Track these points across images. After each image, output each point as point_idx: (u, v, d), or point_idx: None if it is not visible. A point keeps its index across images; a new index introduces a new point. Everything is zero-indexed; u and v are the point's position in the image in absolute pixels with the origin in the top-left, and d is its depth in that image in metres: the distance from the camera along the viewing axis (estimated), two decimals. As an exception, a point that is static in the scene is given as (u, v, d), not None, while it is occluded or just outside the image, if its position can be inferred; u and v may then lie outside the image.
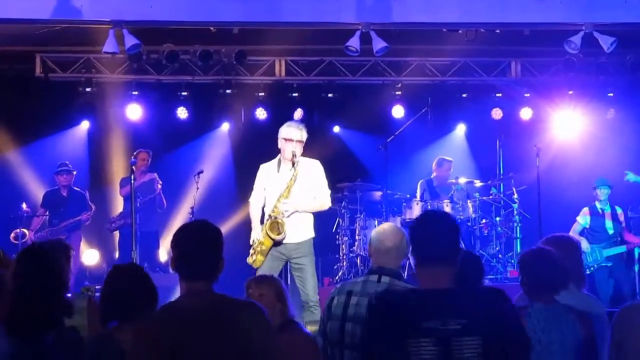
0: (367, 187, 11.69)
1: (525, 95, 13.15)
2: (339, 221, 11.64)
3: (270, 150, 13.21)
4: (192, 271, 3.72)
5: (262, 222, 8.24)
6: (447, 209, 11.19)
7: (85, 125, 13.08)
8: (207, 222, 3.84)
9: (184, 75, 12.81)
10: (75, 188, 11.67)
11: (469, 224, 11.42)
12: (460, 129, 13.70)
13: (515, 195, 11.61)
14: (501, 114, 13.12)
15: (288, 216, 8.09)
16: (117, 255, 11.82)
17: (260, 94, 13.05)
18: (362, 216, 11.43)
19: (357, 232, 11.41)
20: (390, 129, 12.14)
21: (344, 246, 11.45)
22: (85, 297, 5.48)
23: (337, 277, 11.20)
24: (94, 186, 12.51)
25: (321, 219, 12.01)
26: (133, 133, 12.70)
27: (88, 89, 12.63)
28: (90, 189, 12.15)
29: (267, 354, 3.66)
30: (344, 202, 11.61)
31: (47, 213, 11.47)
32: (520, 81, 13.17)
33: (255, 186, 8.49)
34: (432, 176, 12.08)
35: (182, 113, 12.71)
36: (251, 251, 8.22)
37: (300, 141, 8.32)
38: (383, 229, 5.13)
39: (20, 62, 12.66)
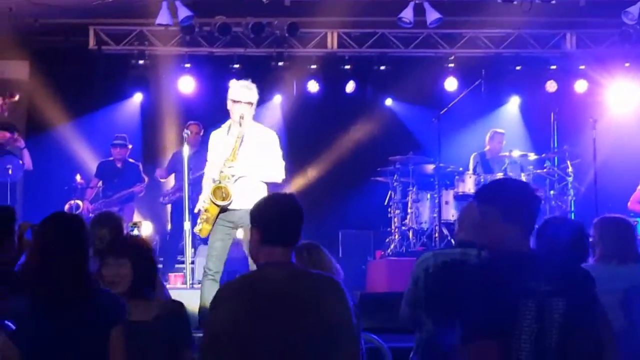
0: (419, 160, 11.61)
1: (581, 67, 12.95)
2: (391, 194, 11.58)
3: (322, 123, 13.30)
4: (276, 237, 3.78)
5: None
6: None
7: (138, 97, 13.16)
8: (291, 194, 3.95)
9: (236, 47, 12.80)
10: (130, 160, 11.74)
11: (522, 197, 11.28)
12: (514, 102, 13.55)
13: (570, 169, 11.44)
14: (556, 87, 12.96)
15: (235, 181, 7.68)
16: (169, 227, 11.89)
17: (312, 66, 13.02)
18: (414, 189, 11.37)
19: (409, 205, 11.34)
20: (443, 102, 12.03)
21: (396, 219, 11.40)
22: None
23: (389, 250, 11.16)
24: (147, 158, 12.58)
25: (373, 192, 12.05)
26: (185, 106, 12.74)
27: (141, 62, 12.69)
28: (143, 161, 12.22)
29: (345, 328, 3.68)
30: (396, 175, 11.54)
31: (101, 184, 11.54)
32: (575, 53, 12.97)
33: (208, 157, 8.14)
34: (485, 149, 11.96)
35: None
36: (198, 220, 7.90)
37: (249, 102, 7.88)
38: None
39: (74, 34, 12.75)
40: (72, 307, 3.87)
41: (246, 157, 7.73)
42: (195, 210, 8.04)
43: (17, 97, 11.16)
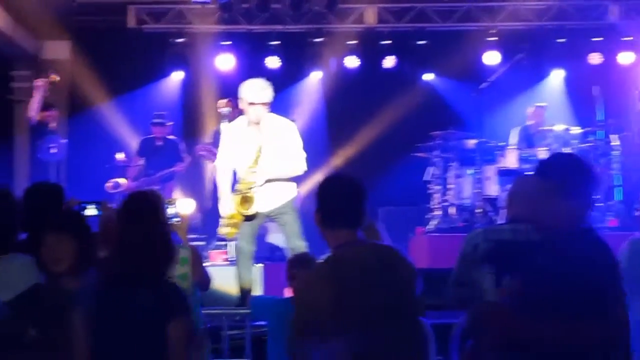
0: (460, 135, 11.48)
1: (625, 39, 12.73)
2: (431, 170, 11.48)
3: (361, 99, 13.23)
4: (341, 220, 3.81)
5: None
6: (542, 156, 10.92)
7: (177, 76, 13.18)
8: (349, 174, 3.95)
9: (275, 24, 12.76)
10: (170, 137, 11.72)
11: (566, 171, 11.11)
12: (557, 75, 13.37)
13: (615, 142, 11.27)
14: (600, 59, 12.76)
15: (260, 186, 7.66)
16: (211, 204, 11.89)
17: (351, 42, 12.93)
18: (455, 165, 11.25)
19: (450, 181, 11.24)
20: (484, 76, 11.89)
21: (436, 195, 11.30)
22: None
23: (429, 227, 11.08)
24: (188, 136, 12.59)
25: (413, 168, 11.96)
26: (224, 83, 12.72)
27: (179, 40, 12.71)
28: (184, 138, 12.22)
29: (417, 305, 3.86)
30: (436, 151, 11.43)
31: (143, 161, 11.56)
32: (619, 24, 12.75)
33: (220, 149, 8.05)
34: (527, 123, 11.81)
35: (272, 62, 12.68)
36: (223, 222, 7.88)
37: (265, 103, 7.70)
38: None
39: (114, 14, 12.79)
40: (142, 292, 3.85)
41: (267, 161, 7.68)
42: (222, 214, 8.00)
43: (58, 78, 11.21)
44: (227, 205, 7.82)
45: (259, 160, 7.64)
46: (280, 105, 12.88)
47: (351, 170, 12.41)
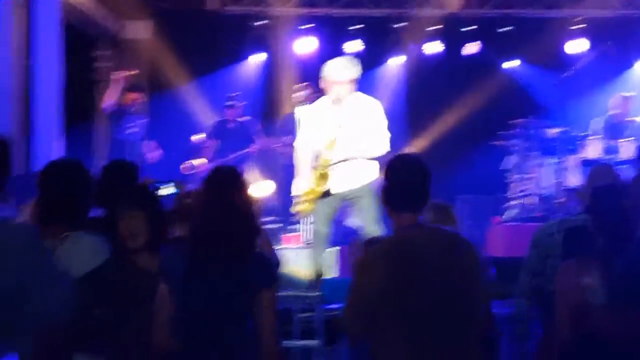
0: (541, 124, 11.28)
1: None
2: (510, 159, 11.31)
3: (442, 85, 13.10)
4: (405, 203, 3.78)
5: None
6: (625, 147, 10.68)
7: (256, 58, 13.21)
8: (417, 156, 4.00)
9: (356, 8, 12.69)
10: (243, 119, 11.71)
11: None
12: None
13: None
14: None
15: (339, 163, 7.52)
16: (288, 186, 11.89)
17: (433, 27, 12.80)
18: (535, 154, 11.06)
19: (530, 170, 11.06)
20: (567, 64, 11.67)
21: (515, 185, 11.13)
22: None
23: (507, 216, 10.93)
24: (267, 118, 12.61)
25: (490, 157, 11.80)
26: (303, 67, 12.71)
27: (259, 23, 12.73)
28: (262, 121, 12.24)
29: (481, 288, 3.79)
30: (516, 139, 11.26)
31: (216, 144, 11.60)
32: None
33: (300, 130, 7.90)
34: (610, 113, 11.53)
35: (353, 47, 12.62)
36: (297, 200, 7.76)
37: (348, 81, 7.52)
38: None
39: (198, -5, 12.88)
40: (231, 266, 3.88)
41: (348, 139, 7.54)
42: (293, 193, 7.96)
43: (135, 71, 11.38)
44: (304, 183, 7.78)
45: (339, 138, 7.50)
46: (359, 89, 12.92)
47: (429, 157, 12.30)
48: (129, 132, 11.06)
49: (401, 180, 3.79)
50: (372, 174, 7.69)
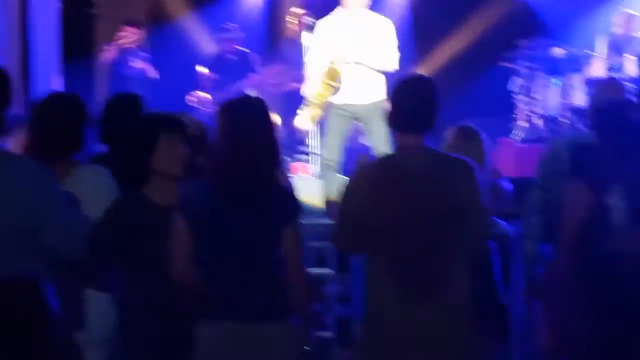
0: (546, 43, 11.18)
1: None
2: (516, 80, 11.24)
3: (447, 6, 12.92)
4: (406, 124, 3.77)
5: None
6: (630, 65, 10.63)
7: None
8: (425, 76, 3.99)
9: None
10: (241, 49, 11.58)
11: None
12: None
13: None
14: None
15: (349, 64, 7.54)
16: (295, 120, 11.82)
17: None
18: (541, 74, 10.99)
19: (535, 90, 10.99)
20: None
21: (521, 105, 11.09)
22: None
23: (514, 137, 10.91)
24: (269, 46, 12.45)
25: (498, 78, 11.71)
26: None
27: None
28: (266, 51, 12.09)
29: (477, 211, 3.75)
30: (522, 60, 11.17)
31: (215, 75, 11.49)
32: None
33: (313, 45, 7.93)
34: (614, 31, 11.40)
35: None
36: (307, 107, 7.80)
37: None
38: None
39: None
40: (255, 198, 3.81)
41: (362, 45, 7.56)
42: (303, 93, 7.95)
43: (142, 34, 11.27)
44: (314, 87, 7.74)
45: (351, 49, 7.55)
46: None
47: (436, 79, 12.19)
48: (132, 66, 11.00)
49: (406, 99, 3.76)
50: (382, 92, 7.66)
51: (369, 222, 3.68)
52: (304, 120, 8.03)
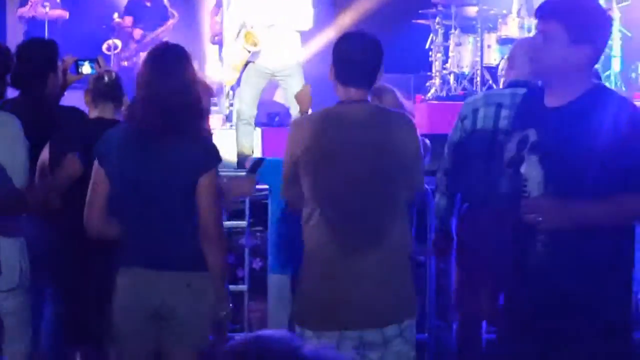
0: (462, 1, 11.28)
1: None
2: (432, 37, 11.34)
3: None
4: (351, 77, 3.79)
5: None
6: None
7: None
8: (369, 32, 3.89)
9: None
10: None
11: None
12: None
13: (616, 12, 11.02)
14: None
15: (268, 28, 7.62)
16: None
17: None
18: (456, 32, 11.10)
19: (451, 48, 11.11)
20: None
21: (437, 63, 11.20)
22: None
23: (429, 95, 11.03)
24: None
25: (414, 35, 11.77)
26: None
27: None
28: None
29: (415, 161, 3.82)
30: (438, 18, 11.26)
31: (131, 21, 11.32)
32: None
33: (231, 3, 8.06)
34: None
35: None
36: (224, 67, 7.90)
37: None
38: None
39: None
40: (170, 144, 3.79)
41: (279, 4, 7.63)
42: (223, 55, 7.95)
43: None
44: (231, 49, 7.76)
45: (270, 3, 7.61)
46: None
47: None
48: (46, 10, 10.79)
49: (351, 53, 3.78)
50: (299, 53, 7.75)
51: (310, 171, 3.71)
52: (219, 73, 8.02)
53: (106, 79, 4.76)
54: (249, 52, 7.63)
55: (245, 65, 7.74)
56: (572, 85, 3.24)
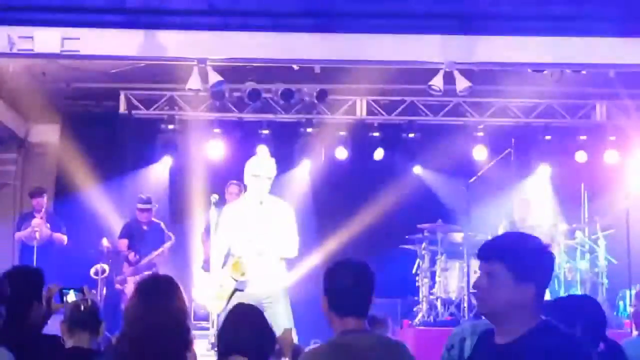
0: (448, 228, 11.48)
1: (611, 138, 12.88)
2: (419, 262, 11.44)
3: (350, 190, 13.23)
4: (348, 308, 3.82)
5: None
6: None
7: (167, 161, 13.18)
8: (361, 260, 3.96)
9: (266, 113, 12.87)
10: (155, 220, 11.70)
11: (552, 267, 11.09)
12: (544, 171, 13.45)
13: (601, 240, 11.28)
14: (586, 157, 12.89)
15: (255, 257, 7.66)
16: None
17: (341, 133, 13.04)
18: (442, 258, 11.22)
19: (437, 274, 11.20)
20: (472, 170, 11.95)
21: (424, 288, 11.24)
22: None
23: (416, 320, 10.99)
24: (174, 222, 12.52)
25: (401, 260, 11.89)
26: (214, 171, 12.74)
27: (170, 126, 12.80)
28: (170, 225, 12.16)
29: None
30: (424, 243, 11.41)
31: (126, 243, 11.47)
32: (605, 124, 12.92)
33: (219, 228, 8.09)
34: (513, 217, 11.82)
35: (262, 151, 12.72)
36: (211, 295, 7.82)
37: (269, 177, 7.84)
38: None
39: (106, 99, 12.89)
40: None
41: (266, 235, 7.71)
42: (210, 286, 7.95)
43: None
44: (218, 277, 7.76)
45: (255, 237, 7.65)
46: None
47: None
48: (35, 236, 10.94)
49: (346, 283, 3.79)
50: (284, 278, 7.80)
51: None
52: (207, 301, 7.99)
53: (82, 307, 4.75)
54: (236, 280, 7.66)
55: (233, 293, 7.74)
56: (517, 322, 3.20)
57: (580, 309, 4.50)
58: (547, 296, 4.46)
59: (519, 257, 3.18)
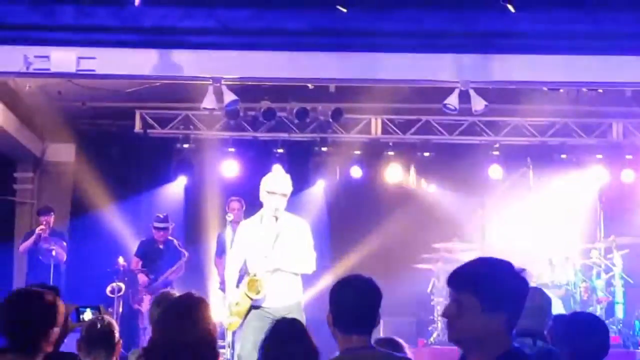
0: (463, 247, 11.45)
1: (627, 157, 12.82)
2: (434, 281, 11.42)
3: (365, 208, 13.23)
4: (351, 325, 3.79)
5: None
6: (546, 269, 10.89)
7: (182, 181, 13.20)
8: (366, 277, 3.92)
9: (280, 132, 12.88)
10: (170, 239, 11.71)
11: (568, 287, 11.07)
12: (559, 190, 13.39)
13: (618, 259, 11.21)
14: (602, 176, 12.83)
15: (272, 273, 7.61)
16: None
17: (356, 152, 13.03)
18: (457, 277, 11.15)
19: (452, 293, 11.13)
20: (487, 189, 11.94)
21: (439, 307, 11.20)
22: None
23: (432, 339, 10.96)
24: (189, 241, 12.54)
25: (416, 279, 11.87)
26: (228, 189, 12.74)
27: (185, 146, 12.81)
28: (185, 244, 12.18)
29: None
30: (439, 262, 11.39)
31: (140, 263, 11.49)
32: (621, 143, 12.87)
33: (234, 245, 8.07)
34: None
35: (278, 169, 12.72)
36: (227, 313, 7.75)
37: (284, 194, 7.77)
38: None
39: (121, 118, 12.93)
40: None
41: (282, 251, 7.68)
42: (225, 304, 7.93)
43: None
44: (234, 294, 7.74)
45: (273, 248, 7.62)
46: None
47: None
48: (51, 255, 10.97)
49: (350, 300, 3.78)
50: (300, 294, 7.77)
51: None
52: (223, 319, 7.96)
53: (99, 325, 4.74)
54: (252, 299, 7.63)
55: (249, 310, 7.72)
56: (487, 350, 3.08)
57: (583, 331, 4.46)
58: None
59: (488, 288, 3.05)
